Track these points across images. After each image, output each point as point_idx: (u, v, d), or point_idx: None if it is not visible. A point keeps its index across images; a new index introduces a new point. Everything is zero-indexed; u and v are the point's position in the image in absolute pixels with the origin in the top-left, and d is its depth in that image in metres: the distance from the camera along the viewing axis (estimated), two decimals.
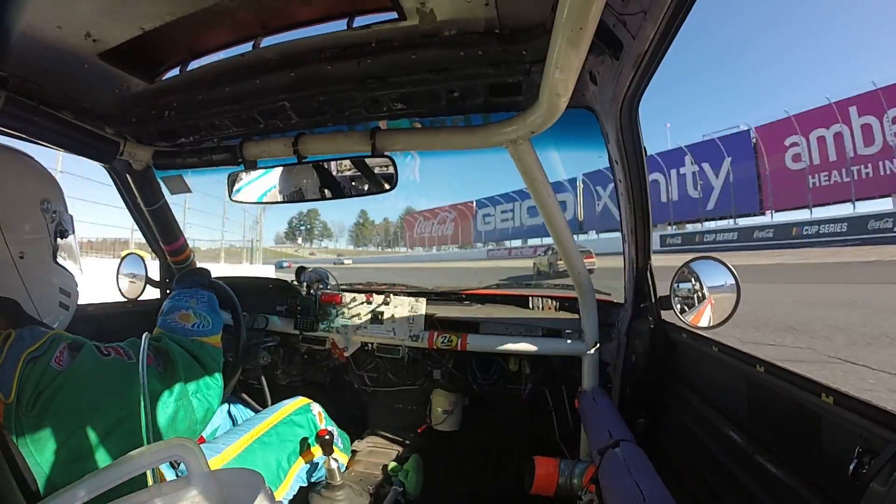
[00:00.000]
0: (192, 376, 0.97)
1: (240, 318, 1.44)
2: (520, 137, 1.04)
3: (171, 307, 1.12)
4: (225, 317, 1.26)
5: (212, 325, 1.11)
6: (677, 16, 0.70)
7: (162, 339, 1.00)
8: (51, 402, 0.72)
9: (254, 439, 1.31)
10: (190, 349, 1.01)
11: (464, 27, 0.89)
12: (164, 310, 1.13)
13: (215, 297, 1.24)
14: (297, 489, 1.40)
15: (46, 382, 0.72)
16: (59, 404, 0.73)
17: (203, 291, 1.22)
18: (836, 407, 0.67)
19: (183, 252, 1.82)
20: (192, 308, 1.12)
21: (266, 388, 1.74)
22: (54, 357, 0.76)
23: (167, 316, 1.10)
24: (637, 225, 1.28)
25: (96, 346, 0.84)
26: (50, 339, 0.78)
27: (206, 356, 1.03)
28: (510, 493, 1.73)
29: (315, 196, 1.42)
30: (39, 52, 0.93)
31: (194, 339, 1.04)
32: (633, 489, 0.81)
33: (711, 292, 1.22)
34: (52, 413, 0.72)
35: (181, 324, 1.07)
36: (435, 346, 1.56)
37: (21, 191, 0.89)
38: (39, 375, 0.72)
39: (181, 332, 1.05)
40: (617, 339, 1.44)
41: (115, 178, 1.59)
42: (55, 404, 0.72)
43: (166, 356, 0.95)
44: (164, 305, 1.15)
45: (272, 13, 0.92)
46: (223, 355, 1.11)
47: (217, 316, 1.16)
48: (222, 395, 1.06)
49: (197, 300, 1.16)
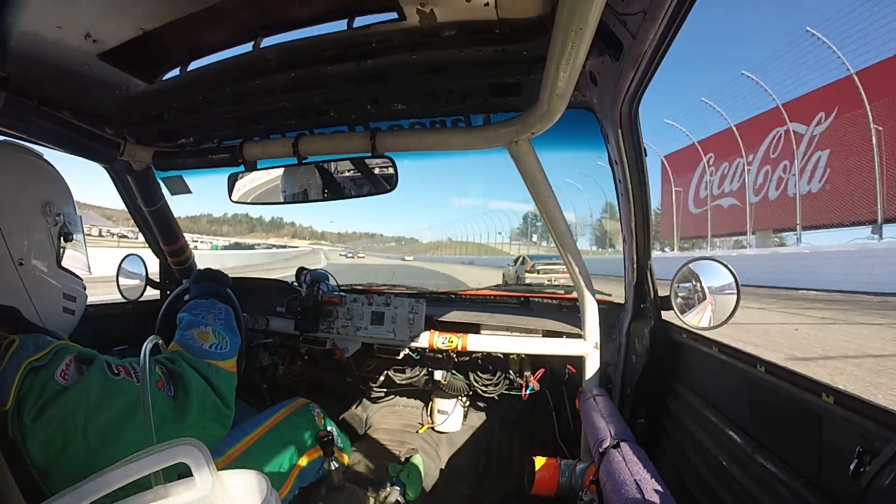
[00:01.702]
0: (205, 406, 0.93)
1: (240, 320, 1.44)
2: (520, 138, 1.04)
3: (190, 322, 1.08)
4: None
5: (229, 348, 1.07)
6: (677, 16, 0.70)
7: (178, 361, 0.94)
8: (54, 417, 0.71)
9: (254, 441, 1.31)
10: (206, 374, 0.96)
11: (464, 27, 0.89)
12: (182, 322, 1.08)
13: (232, 313, 1.20)
14: (298, 490, 1.40)
15: (50, 396, 0.71)
16: (63, 419, 0.71)
17: (221, 305, 1.18)
18: (836, 407, 0.67)
19: (183, 253, 1.82)
20: (210, 325, 1.08)
21: (265, 389, 1.74)
22: (59, 370, 0.73)
23: (186, 332, 1.05)
24: (637, 225, 1.28)
25: (107, 364, 0.81)
26: (54, 349, 0.76)
27: (221, 383, 0.98)
28: (510, 494, 1.73)
29: (316, 197, 1.42)
30: (39, 53, 0.92)
31: (210, 363, 1.00)
32: (634, 489, 0.81)
33: (711, 293, 1.22)
34: (55, 427, 0.71)
35: (199, 343, 1.03)
36: (435, 347, 1.56)
37: (20, 194, 0.87)
38: (42, 387, 0.71)
39: (198, 352, 1.01)
40: (617, 340, 1.44)
41: (115, 178, 1.59)
42: (58, 419, 0.71)
43: (181, 381, 0.91)
44: (181, 315, 1.11)
45: (272, 13, 0.92)
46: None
47: (234, 336, 1.13)
48: (231, 423, 1.02)
49: (215, 316, 1.12)
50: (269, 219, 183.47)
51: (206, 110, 1.24)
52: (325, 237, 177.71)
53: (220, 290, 1.25)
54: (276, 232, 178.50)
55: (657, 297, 1.33)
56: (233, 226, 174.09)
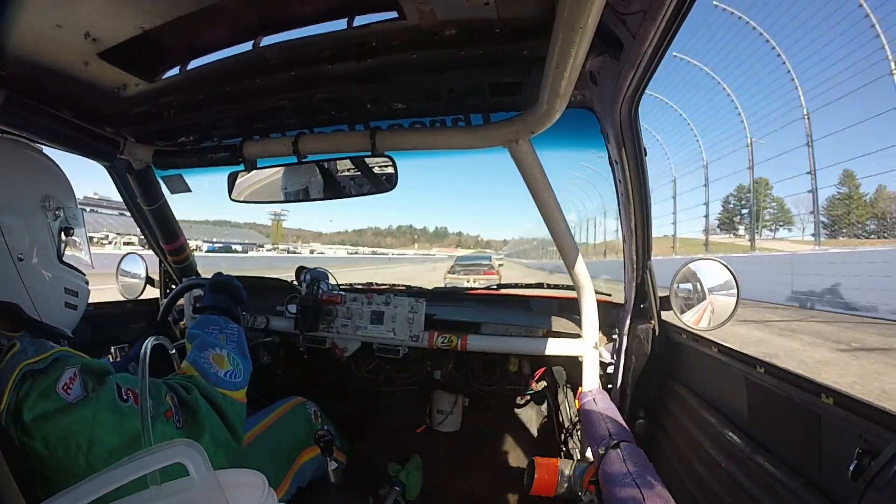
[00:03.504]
0: (217, 440, 0.90)
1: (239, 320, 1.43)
2: (520, 137, 1.04)
3: (204, 343, 1.04)
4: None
5: (242, 377, 1.05)
6: (677, 16, 0.70)
7: (193, 391, 0.91)
8: (55, 432, 0.69)
9: (250, 440, 1.30)
10: (220, 405, 0.94)
11: (464, 27, 0.89)
12: (196, 340, 1.05)
13: (244, 334, 1.17)
14: (296, 490, 1.40)
15: (52, 409, 0.69)
16: (65, 436, 0.70)
17: (233, 325, 1.15)
18: (836, 407, 0.67)
19: (183, 252, 1.82)
20: (225, 349, 1.05)
21: (260, 389, 1.74)
22: (62, 383, 0.71)
23: (200, 353, 1.01)
24: (637, 225, 1.28)
25: (117, 386, 0.78)
26: (53, 355, 0.74)
27: (233, 415, 0.96)
28: (510, 494, 1.73)
29: (316, 196, 1.42)
30: (39, 52, 0.92)
31: (224, 393, 0.97)
32: (634, 490, 0.81)
33: (711, 293, 1.22)
34: (56, 443, 0.69)
35: (214, 368, 0.99)
36: (435, 347, 1.56)
37: (19, 189, 0.86)
38: (42, 396, 0.69)
39: (213, 378, 0.98)
40: (617, 340, 1.43)
41: (115, 177, 1.58)
42: (60, 435, 0.70)
43: (192, 415, 0.88)
44: (193, 330, 1.07)
45: (272, 12, 0.92)
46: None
47: (247, 362, 1.10)
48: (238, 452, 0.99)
49: (227, 337, 1.09)
50: (432, 229, 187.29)
51: (205, 109, 1.24)
52: (491, 245, 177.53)
53: (233, 311, 1.21)
54: (440, 242, 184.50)
55: (657, 297, 1.32)
56: (396, 237, 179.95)
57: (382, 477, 1.70)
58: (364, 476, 1.72)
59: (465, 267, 13.53)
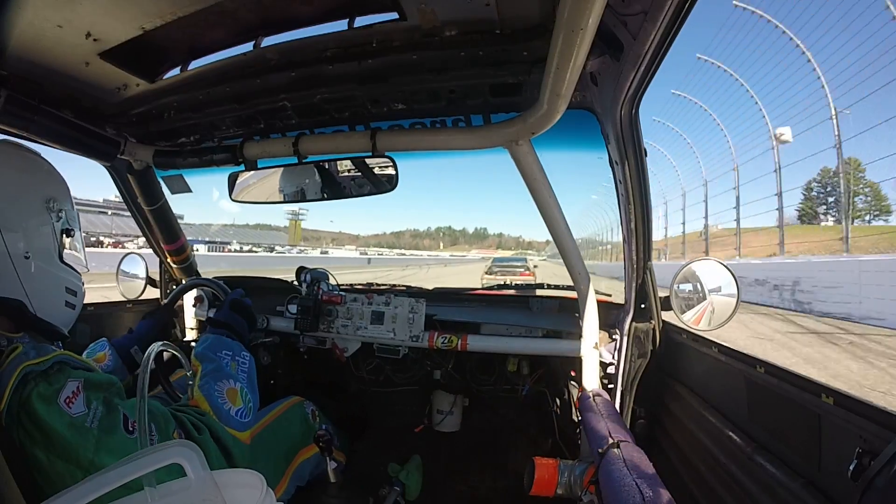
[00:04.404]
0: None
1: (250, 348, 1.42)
2: (520, 138, 1.04)
3: (219, 372, 1.04)
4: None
5: (251, 416, 1.05)
6: (678, 16, 0.70)
7: (204, 432, 0.91)
8: (57, 443, 0.70)
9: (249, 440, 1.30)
10: (229, 448, 0.94)
11: (465, 27, 0.89)
12: (210, 367, 1.04)
13: (254, 363, 1.17)
14: (295, 489, 1.40)
15: (52, 421, 0.70)
16: (66, 450, 0.70)
17: (246, 354, 1.14)
18: (836, 407, 0.67)
19: (183, 252, 1.82)
20: (238, 382, 1.05)
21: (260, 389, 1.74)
22: (64, 396, 0.72)
23: (215, 383, 1.01)
24: (637, 225, 1.28)
25: (125, 418, 0.78)
26: (54, 358, 0.75)
27: (240, 459, 0.95)
28: (509, 494, 1.73)
29: (315, 196, 1.42)
30: (40, 52, 0.92)
31: (235, 435, 0.97)
32: (633, 490, 0.81)
33: (712, 294, 1.22)
34: (57, 455, 0.70)
35: (227, 405, 1.00)
36: (435, 347, 1.56)
37: (25, 191, 0.88)
38: (41, 406, 0.69)
39: (224, 416, 0.98)
40: (617, 340, 1.44)
41: (115, 177, 1.59)
42: (61, 448, 0.70)
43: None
44: (202, 350, 1.07)
45: (273, 13, 0.92)
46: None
47: (255, 396, 1.11)
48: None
49: (238, 366, 1.09)
50: (472, 230, 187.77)
51: (206, 109, 1.24)
52: (533, 246, 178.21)
53: (245, 337, 1.20)
54: (480, 243, 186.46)
55: (657, 297, 1.33)
56: (434, 239, 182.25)
57: (382, 477, 1.70)
58: (364, 476, 1.71)
59: (503, 267, 14.20)
